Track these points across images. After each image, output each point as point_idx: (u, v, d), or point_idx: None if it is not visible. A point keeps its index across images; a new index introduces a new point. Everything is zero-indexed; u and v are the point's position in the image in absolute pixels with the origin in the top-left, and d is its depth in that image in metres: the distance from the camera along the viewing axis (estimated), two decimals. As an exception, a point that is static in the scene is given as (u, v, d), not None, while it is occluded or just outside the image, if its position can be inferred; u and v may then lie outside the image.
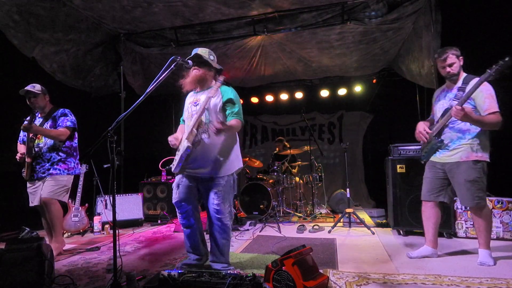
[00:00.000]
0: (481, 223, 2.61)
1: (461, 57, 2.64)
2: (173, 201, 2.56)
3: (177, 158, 2.44)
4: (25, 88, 3.23)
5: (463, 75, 2.66)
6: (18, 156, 3.23)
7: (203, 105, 2.34)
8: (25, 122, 3.08)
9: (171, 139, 2.51)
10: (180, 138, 2.50)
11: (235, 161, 2.55)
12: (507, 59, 2.25)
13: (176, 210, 2.59)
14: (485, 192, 2.60)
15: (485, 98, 2.49)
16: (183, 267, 2.52)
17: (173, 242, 3.79)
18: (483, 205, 2.60)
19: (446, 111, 2.62)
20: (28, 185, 3.28)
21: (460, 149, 2.60)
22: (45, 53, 4.42)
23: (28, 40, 4.13)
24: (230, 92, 2.52)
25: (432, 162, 2.81)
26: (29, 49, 4.22)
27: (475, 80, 2.47)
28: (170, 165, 2.55)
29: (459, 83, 2.64)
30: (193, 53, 2.49)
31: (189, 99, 2.61)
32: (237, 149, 2.60)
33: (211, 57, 2.54)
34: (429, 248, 2.84)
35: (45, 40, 4.27)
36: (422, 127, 2.80)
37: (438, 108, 2.78)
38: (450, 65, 2.61)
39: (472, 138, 2.57)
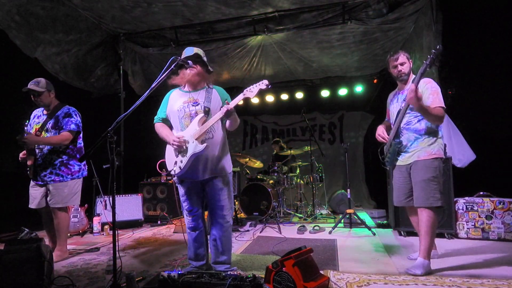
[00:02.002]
0: (426, 226, 2.50)
1: (411, 60, 2.74)
2: (185, 208, 2.55)
3: (184, 159, 2.33)
4: (28, 86, 3.04)
5: (413, 76, 2.71)
6: (20, 155, 3.14)
7: (221, 112, 2.30)
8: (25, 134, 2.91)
9: (177, 140, 2.34)
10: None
11: (230, 161, 2.60)
12: (438, 47, 2.37)
13: (186, 215, 2.57)
14: (441, 193, 2.52)
15: (430, 94, 2.55)
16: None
17: (173, 243, 3.77)
18: (436, 207, 2.50)
19: (399, 113, 2.66)
20: (31, 184, 3.15)
21: (418, 148, 2.60)
22: (47, 54, 4.41)
23: (30, 40, 4.13)
24: (225, 92, 2.59)
25: (397, 166, 2.79)
26: (31, 50, 4.21)
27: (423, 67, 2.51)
28: (172, 169, 2.42)
29: (409, 85, 2.67)
30: (187, 51, 2.47)
31: (180, 98, 2.52)
32: (228, 150, 2.63)
33: (205, 58, 2.53)
34: None
35: (46, 41, 4.27)
36: (381, 130, 2.83)
37: (392, 111, 2.82)
38: (402, 64, 2.68)
39: (428, 136, 2.59)
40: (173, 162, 2.42)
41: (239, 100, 2.33)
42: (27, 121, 2.98)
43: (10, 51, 4.05)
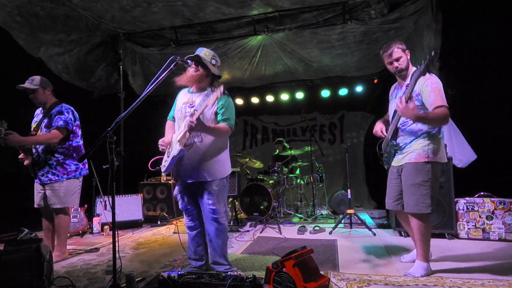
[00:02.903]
0: (419, 233, 2.42)
1: (407, 51, 2.47)
2: (180, 207, 2.60)
3: (167, 159, 2.42)
4: (23, 85, 2.99)
5: (412, 69, 2.46)
6: (20, 156, 3.12)
7: (199, 112, 2.19)
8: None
9: (161, 143, 2.45)
10: (170, 140, 2.47)
11: (226, 165, 2.54)
12: (432, 53, 2.22)
13: (184, 214, 2.62)
14: (432, 198, 2.37)
15: (430, 92, 2.29)
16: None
17: (172, 243, 3.77)
18: (426, 213, 2.37)
19: (396, 111, 2.48)
20: (35, 183, 3.14)
21: (410, 149, 2.45)
22: (50, 54, 4.43)
23: (32, 41, 4.14)
24: (223, 98, 2.44)
25: (391, 167, 2.65)
26: (34, 50, 4.22)
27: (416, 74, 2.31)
28: (160, 166, 2.52)
29: (408, 80, 2.45)
30: (197, 52, 2.46)
31: (183, 98, 2.55)
32: (227, 153, 2.58)
33: (213, 61, 2.47)
34: None
35: (48, 41, 4.28)
36: (379, 127, 2.68)
37: (390, 108, 2.65)
38: (397, 60, 2.44)
39: (424, 138, 2.41)
40: (164, 160, 2.51)
41: (201, 110, 2.18)
42: (4, 122, 2.86)
43: (15, 51, 4.04)
